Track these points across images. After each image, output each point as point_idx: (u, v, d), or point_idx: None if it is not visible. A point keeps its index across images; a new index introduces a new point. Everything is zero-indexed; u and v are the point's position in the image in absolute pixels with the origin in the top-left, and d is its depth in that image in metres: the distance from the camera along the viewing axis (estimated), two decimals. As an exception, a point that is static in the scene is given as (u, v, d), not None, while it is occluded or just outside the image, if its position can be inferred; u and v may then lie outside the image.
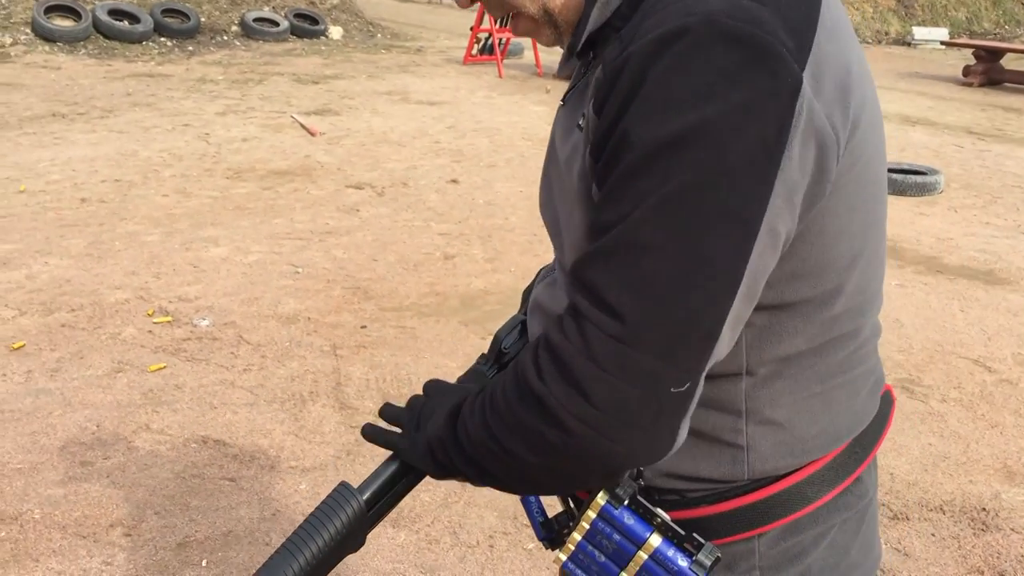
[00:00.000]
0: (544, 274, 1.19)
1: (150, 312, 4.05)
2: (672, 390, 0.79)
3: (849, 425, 1.00)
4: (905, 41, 17.66)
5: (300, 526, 1.05)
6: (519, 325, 1.24)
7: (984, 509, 2.88)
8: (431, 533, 2.67)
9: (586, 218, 0.93)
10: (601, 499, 0.93)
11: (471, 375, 1.21)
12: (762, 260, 0.81)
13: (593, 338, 0.78)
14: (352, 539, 1.06)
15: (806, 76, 0.79)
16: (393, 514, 2.71)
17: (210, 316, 4.04)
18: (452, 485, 2.85)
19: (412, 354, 3.77)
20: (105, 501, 2.71)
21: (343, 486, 1.08)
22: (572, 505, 1.08)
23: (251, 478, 2.86)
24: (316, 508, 1.06)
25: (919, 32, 17.52)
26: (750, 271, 0.80)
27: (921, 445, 3.25)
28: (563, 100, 1.07)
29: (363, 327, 4.03)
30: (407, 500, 2.76)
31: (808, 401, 0.95)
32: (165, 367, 3.56)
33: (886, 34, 18.04)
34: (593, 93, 0.87)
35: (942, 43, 15.63)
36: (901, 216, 6.08)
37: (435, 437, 0.98)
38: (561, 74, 1.03)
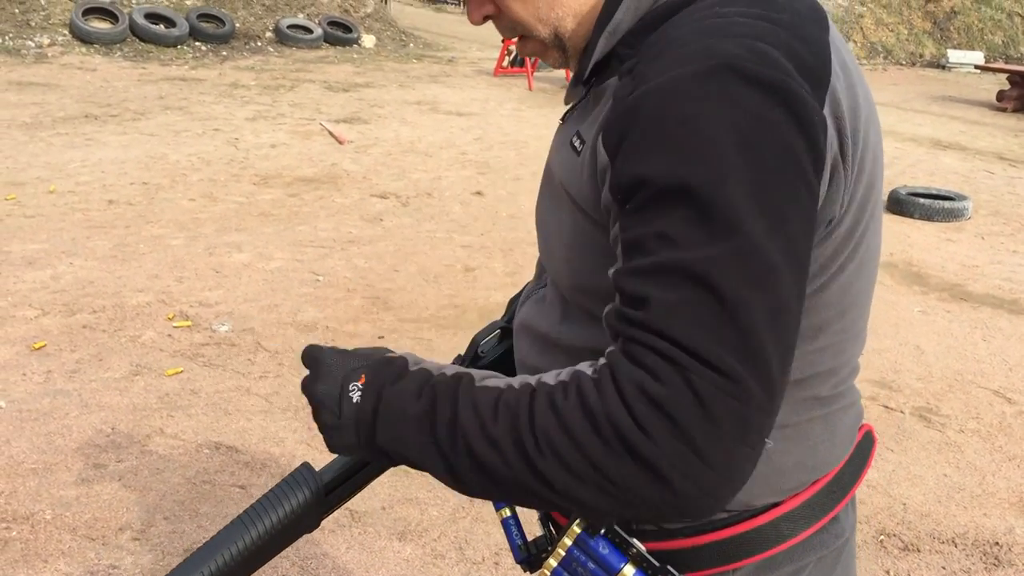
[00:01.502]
0: (530, 290, 1.18)
1: (170, 316, 4.09)
2: (766, 440, 0.77)
3: (826, 460, 0.99)
4: (940, 64, 17.51)
5: (256, 501, 1.07)
6: (498, 331, 1.25)
7: (997, 543, 2.84)
8: (437, 548, 2.68)
9: (575, 236, 0.94)
10: (578, 527, 0.92)
11: None
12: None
13: (708, 395, 0.73)
14: (307, 520, 1.07)
15: (825, 113, 0.81)
16: (400, 526, 2.73)
17: (229, 322, 4.07)
18: (461, 499, 2.86)
19: (427, 366, 3.78)
20: (116, 504, 2.74)
21: (304, 466, 1.10)
22: (552, 530, 1.08)
23: (261, 486, 2.88)
24: (275, 485, 1.08)
25: (954, 55, 17.37)
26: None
27: (936, 476, 3.21)
28: (562, 119, 1.08)
29: (380, 337, 4.05)
30: (414, 513, 2.78)
31: (785, 430, 0.95)
32: (182, 371, 3.59)
33: (920, 56, 17.91)
34: (602, 127, 0.86)
35: (977, 67, 15.48)
36: (927, 241, 6.03)
37: (398, 446, 0.87)
38: (569, 101, 1.03)
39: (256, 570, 1.06)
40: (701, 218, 0.76)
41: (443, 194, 6.45)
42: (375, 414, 0.88)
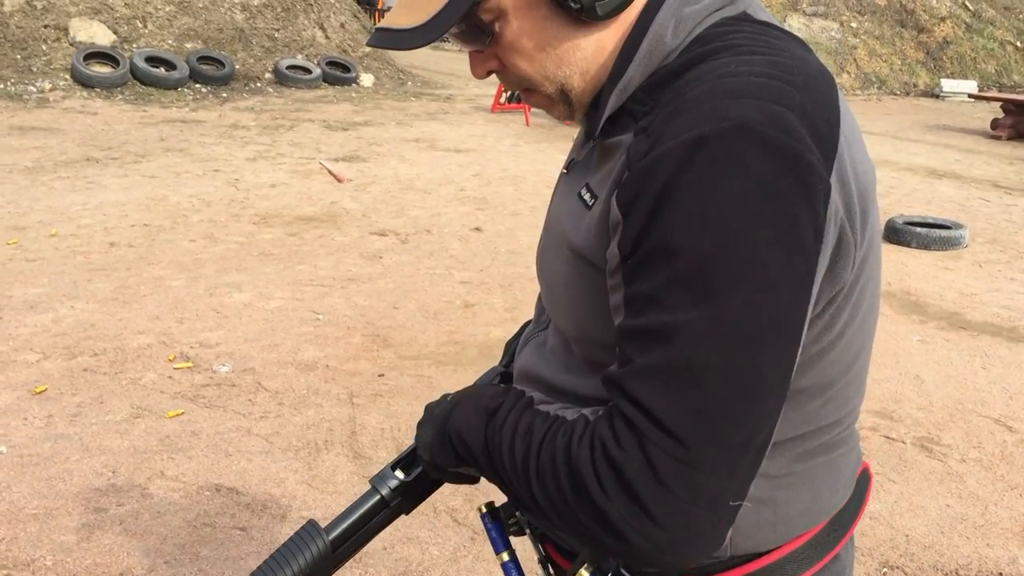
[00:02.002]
0: (529, 333, 1.19)
1: (171, 357, 4.10)
2: (731, 503, 0.80)
3: (830, 502, 1.01)
4: (933, 93, 17.65)
5: (264, 562, 1.07)
6: (497, 377, 1.25)
7: (1000, 574, 2.83)
8: (438, 587, 2.67)
9: (580, 288, 0.95)
10: (586, 572, 0.94)
11: None
12: (797, 365, 0.84)
13: (657, 460, 0.78)
14: None
15: (833, 182, 0.82)
16: (401, 567, 2.72)
17: (230, 362, 4.09)
18: (462, 539, 2.85)
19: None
20: (117, 549, 2.74)
21: (310, 524, 1.10)
22: (552, 573, 1.09)
23: (262, 528, 2.88)
24: (282, 545, 1.08)
25: (947, 84, 17.51)
26: (792, 375, 0.83)
27: (939, 506, 3.20)
28: (566, 168, 1.09)
29: (381, 375, 4.06)
30: (415, 553, 2.78)
31: (790, 479, 0.97)
32: (183, 413, 3.60)
33: (914, 86, 18.05)
34: (617, 184, 0.87)
35: (970, 96, 15.61)
36: (925, 270, 6.05)
37: (462, 427, 1.00)
38: (579, 157, 1.03)
39: None
40: (686, 283, 0.78)
41: (442, 230, 6.49)
42: (455, 404, 1.04)
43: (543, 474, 0.86)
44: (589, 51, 0.93)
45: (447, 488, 3.12)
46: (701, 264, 0.77)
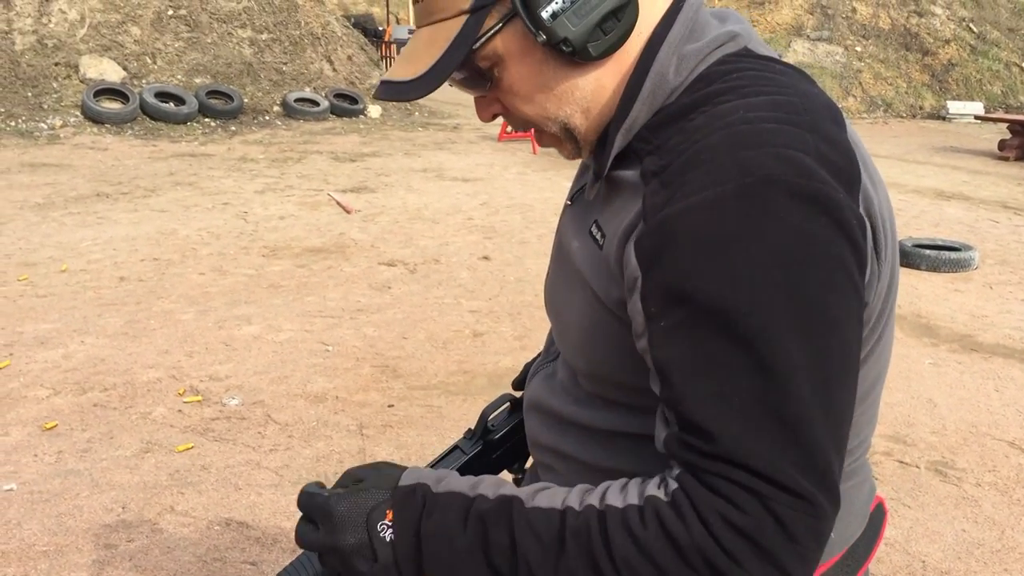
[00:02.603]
0: (537, 366, 1.18)
1: (181, 391, 4.10)
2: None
3: (843, 536, 1.00)
4: (940, 115, 17.67)
5: None
6: (507, 403, 1.25)
7: (1020, 601, 2.79)
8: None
9: (594, 326, 0.94)
10: None
11: (451, 452, 1.21)
12: None
13: (788, 519, 0.78)
14: None
15: (862, 213, 0.83)
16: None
17: (239, 395, 4.09)
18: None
19: (438, 434, 3.78)
20: (127, 584, 2.73)
21: (304, 555, 1.08)
22: None
23: (272, 562, 2.86)
24: (281, 571, 1.07)
25: (953, 106, 17.53)
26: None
27: (954, 531, 3.17)
28: (570, 200, 1.09)
29: (390, 406, 4.05)
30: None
31: None
32: (193, 447, 3.59)
33: (920, 108, 18.07)
34: (631, 235, 0.87)
35: (977, 117, 15.61)
36: (935, 292, 6.02)
37: (444, 536, 0.87)
38: (589, 196, 1.02)
39: None
40: (752, 344, 0.78)
41: (450, 260, 6.50)
42: (418, 552, 0.87)
43: (637, 575, 0.80)
44: (588, 90, 0.94)
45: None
46: (764, 323, 0.78)
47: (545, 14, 0.86)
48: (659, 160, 0.86)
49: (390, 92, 0.94)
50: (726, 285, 0.78)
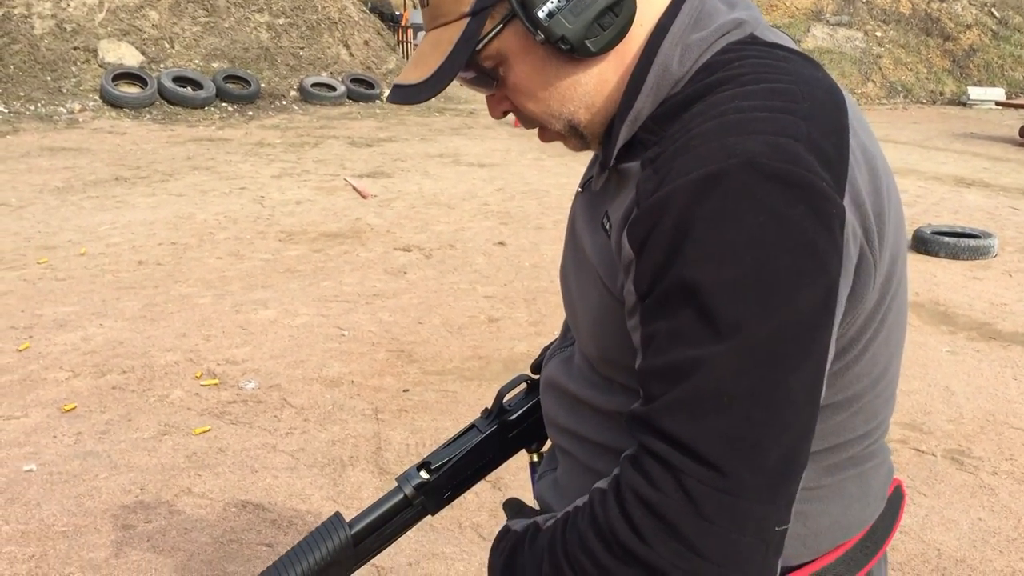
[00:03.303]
0: (555, 348, 1.19)
1: (198, 375, 4.13)
2: (776, 528, 0.80)
3: (860, 518, 1.00)
4: (960, 101, 17.50)
5: (288, 550, 1.10)
6: (524, 383, 1.26)
7: (1035, 590, 2.78)
8: (464, 604, 2.66)
9: (603, 309, 0.95)
10: None
11: (467, 431, 1.24)
12: (825, 383, 0.84)
13: (697, 493, 0.77)
14: (335, 569, 1.09)
15: (847, 204, 0.82)
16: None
17: (256, 379, 4.11)
18: (487, 554, 2.84)
19: (453, 419, 3.79)
20: (144, 566, 2.75)
21: (335, 516, 1.12)
22: None
23: (288, 544, 2.88)
24: (307, 534, 1.11)
25: (974, 92, 17.36)
26: (820, 396, 0.83)
27: (971, 520, 3.16)
28: (581, 187, 1.10)
29: (405, 391, 4.06)
30: (440, 568, 2.77)
31: (819, 492, 0.97)
32: (210, 430, 3.62)
33: (941, 94, 17.91)
34: (627, 220, 0.88)
35: (998, 103, 15.46)
36: (953, 280, 5.98)
37: None
38: (597, 186, 1.03)
39: None
40: (709, 317, 0.78)
41: (466, 245, 6.50)
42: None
43: (579, 564, 0.83)
44: (591, 85, 0.95)
45: (472, 503, 3.13)
46: (723, 298, 0.78)
47: (541, 13, 0.88)
48: (657, 149, 0.88)
49: (399, 96, 0.97)
50: (699, 263, 0.79)
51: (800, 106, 0.84)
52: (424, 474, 1.18)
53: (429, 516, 1.20)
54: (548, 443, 1.24)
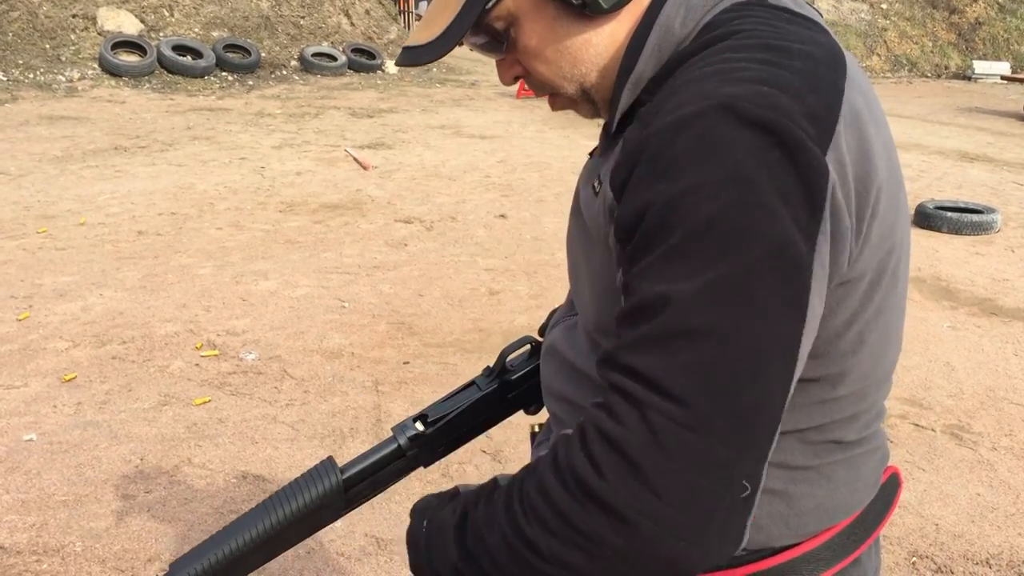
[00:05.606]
0: (560, 316, 1.18)
1: (198, 345, 4.13)
2: (744, 483, 0.75)
3: (848, 503, 0.98)
4: (965, 75, 17.39)
5: (277, 491, 1.10)
6: (528, 345, 1.25)
7: (1033, 565, 2.79)
8: None
9: (601, 271, 0.94)
10: None
11: (467, 387, 1.23)
12: (808, 340, 0.80)
13: (660, 426, 0.73)
14: (325, 512, 1.09)
15: (829, 160, 0.79)
16: None
17: (256, 350, 4.11)
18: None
19: (453, 391, 3.78)
20: (145, 535, 2.76)
21: (328, 460, 1.11)
22: None
23: (288, 515, 2.89)
24: (299, 476, 1.11)
25: (980, 66, 17.24)
26: (802, 353, 0.79)
27: (969, 495, 3.16)
28: (591, 154, 1.09)
29: (406, 363, 4.06)
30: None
31: (805, 473, 0.94)
32: (210, 401, 3.62)
33: (946, 68, 17.79)
34: (612, 168, 0.87)
35: (1003, 78, 15.37)
36: (956, 255, 5.97)
37: (449, 569, 0.90)
38: (605, 154, 1.02)
39: (274, 557, 1.08)
40: (682, 255, 0.76)
41: (467, 217, 6.48)
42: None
43: (535, 509, 0.79)
44: (602, 46, 0.94)
45: (473, 475, 3.11)
46: (695, 235, 0.76)
47: None
48: (651, 106, 0.86)
49: (407, 58, 0.95)
50: (670, 202, 0.77)
51: (793, 63, 0.82)
52: (420, 426, 1.17)
53: (422, 468, 1.19)
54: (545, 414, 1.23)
